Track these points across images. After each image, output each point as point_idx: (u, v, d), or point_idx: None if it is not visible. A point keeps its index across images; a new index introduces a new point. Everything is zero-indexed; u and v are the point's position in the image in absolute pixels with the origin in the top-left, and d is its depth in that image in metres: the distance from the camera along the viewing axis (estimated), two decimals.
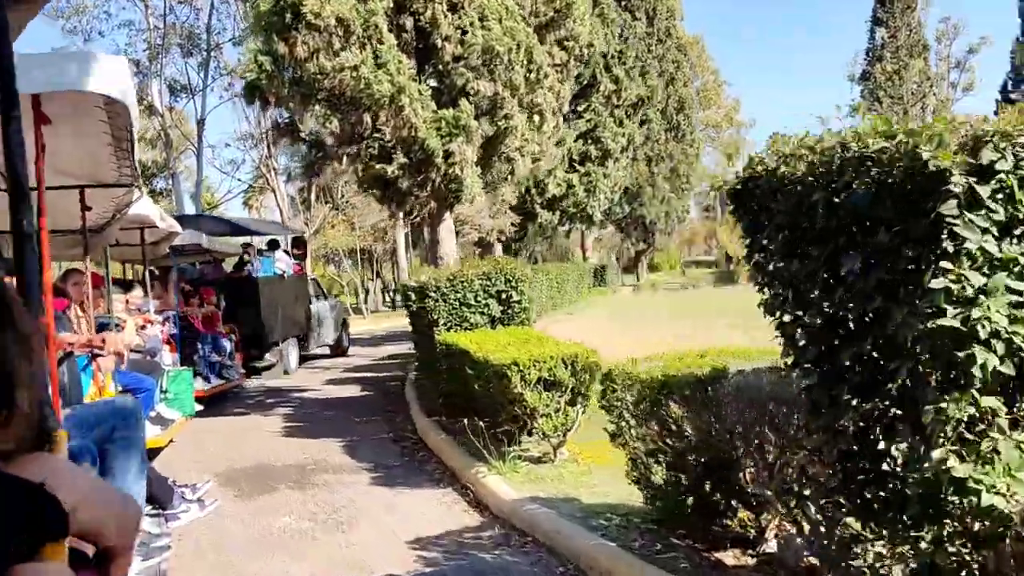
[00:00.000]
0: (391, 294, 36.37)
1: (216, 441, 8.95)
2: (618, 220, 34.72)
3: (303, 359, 16.14)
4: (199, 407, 9.02)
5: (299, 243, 15.85)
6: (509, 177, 10.80)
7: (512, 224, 21.45)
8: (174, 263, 10.75)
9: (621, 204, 31.80)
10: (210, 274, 12.95)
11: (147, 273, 9.57)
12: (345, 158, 10.09)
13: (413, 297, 9.67)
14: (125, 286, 8.75)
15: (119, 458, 3.95)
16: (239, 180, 33.79)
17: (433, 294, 8.63)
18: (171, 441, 7.80)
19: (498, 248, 23.19)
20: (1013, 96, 55.53)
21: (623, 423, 4.63)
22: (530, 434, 6.73)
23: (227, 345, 11.36)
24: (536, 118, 10.20)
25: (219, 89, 39.67)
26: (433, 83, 9.88)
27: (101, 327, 6.66)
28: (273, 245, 14.66)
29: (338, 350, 17.85)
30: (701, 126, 47.09)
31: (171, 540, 5.10)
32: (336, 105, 9.61)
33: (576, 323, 17.75)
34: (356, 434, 9.23)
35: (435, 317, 8.64)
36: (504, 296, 8.73)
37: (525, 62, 9.86)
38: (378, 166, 9.99)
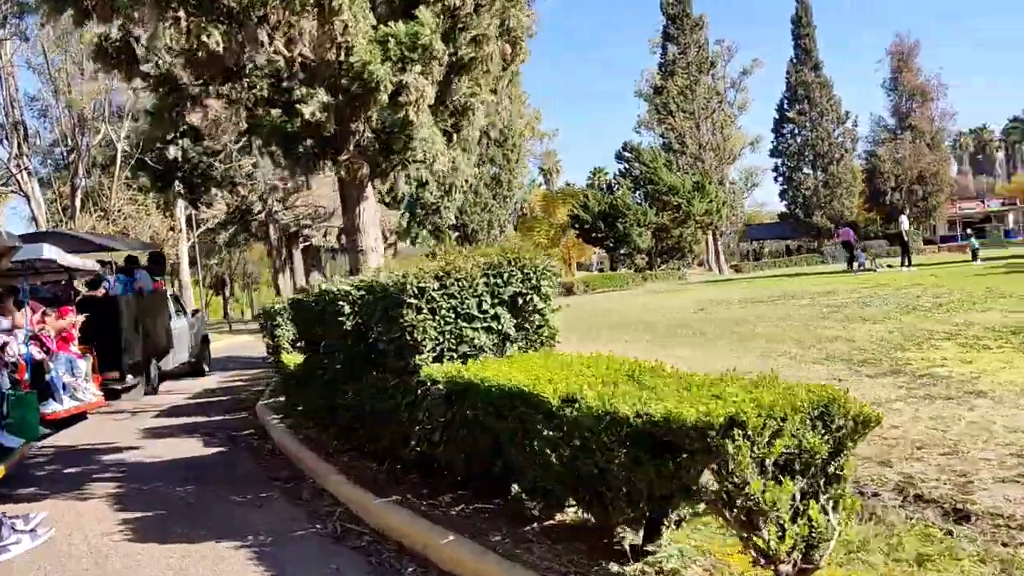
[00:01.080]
0: None
1: None
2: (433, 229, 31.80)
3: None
4: (46, 431, 9.12)
5: (157, 258, 15.60)
6: (456, 136, 7.58)
7: None
8: (22, 281, 10.46)
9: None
10: (62, 292, 12.62)
11: None
12: (219, 99, 6.42)
13: (346, 311, 6.27)
14: None
15: None
16: None
17: (414, 301, 5.27)
18: None
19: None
20: (789, 114, 59.37)
21: None
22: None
23: (82, 366, 11.19)
24: (509, 49, 7.10)
25: None
26: None
27: None
28: (131, 261, 14.44)
29: (198, 368, 17.42)
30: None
31: None
32: (216, 11, 5.96)
33: None
34: (257, 530, 5.78)
35: (418, 338, 5.28)
36: (521, 303, 5.57)
37: None
38: (277, 113, 6.43)
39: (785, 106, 57.76)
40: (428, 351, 5.33)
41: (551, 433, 4.15)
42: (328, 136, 6.76)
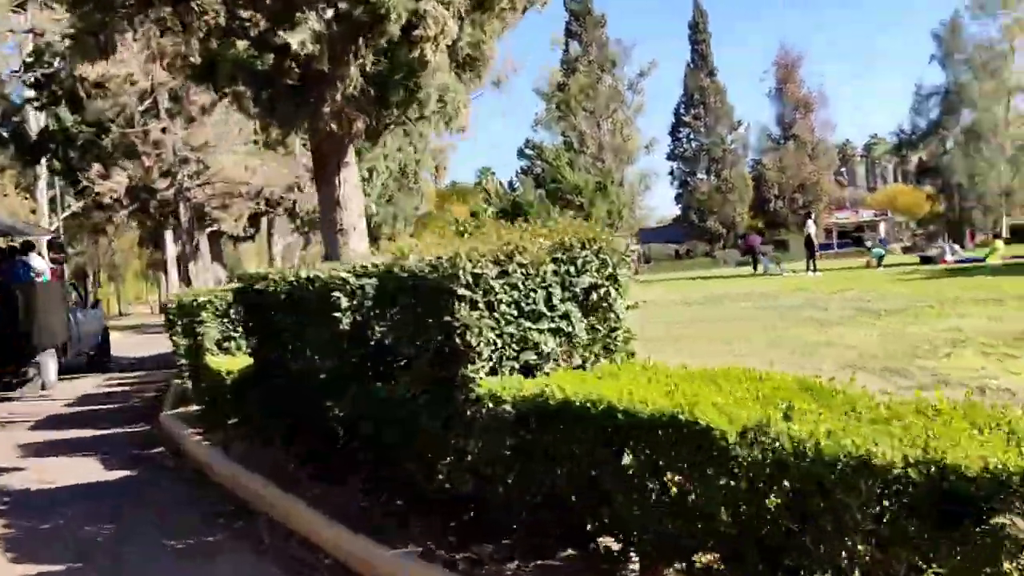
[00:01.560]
0: None
1: None
2: None
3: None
4: None
5: (55, 245, 14.93)
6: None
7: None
8: None
9: None
10: None
11: None
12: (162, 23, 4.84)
13: (343, 304, 4.85)
14: None
15: None
16: None
17: (468, 293, 3.88)
18: None
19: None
20: (686, 118, 60.12)
21: None
22: None
23: None
24: None
25: None
26: None
27: None
28: (27, 247, 13.79)
29: (99, 360, 16.45)
30: None
31: None
32: None
33: None
34: None
35: (472, 342, 3.89)
36: (596, 298, 4.27)
37: None
38: (243, 46, 4.93)
39: (682, 110, 58.47)
40: (484, 359, 3.95)
41: (724, 480, 2.91)
42: (311, 78, 5.26)
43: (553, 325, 4.14)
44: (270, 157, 14.38)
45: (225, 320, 8.65)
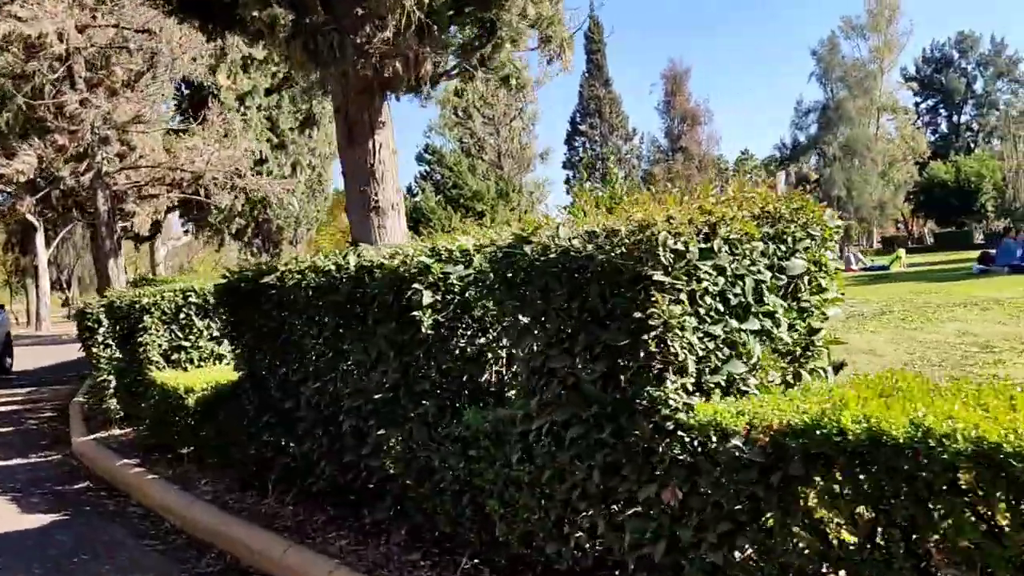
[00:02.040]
0: None
1: None
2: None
3: None
4: None
5: None
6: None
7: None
8: None
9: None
10: None
11: None
12: None
13: (426, 300, 3.61)
14: None
15: None
16: None
17: (666, 279, 2.73)
18: None
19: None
20: (582, 127, 60.05)
21: None
22: None
23: None
24: None
25: None
26: None
27: None
28: None
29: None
30: None
31: None
32: None
33: None
34: None
35: (675, 349, 2.74)
36: (801, 289, 3.21)
37: None
38: None
39: (577, 119, 58.40)
40: (687, 374, 2.81)
41: None
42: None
43: (758, 325, 3.05)
44: (212, 137, 12.60)
45: (174, 327, 7.10)
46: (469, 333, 3.76)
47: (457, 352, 3.74)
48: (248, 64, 15.57)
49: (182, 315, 7.05)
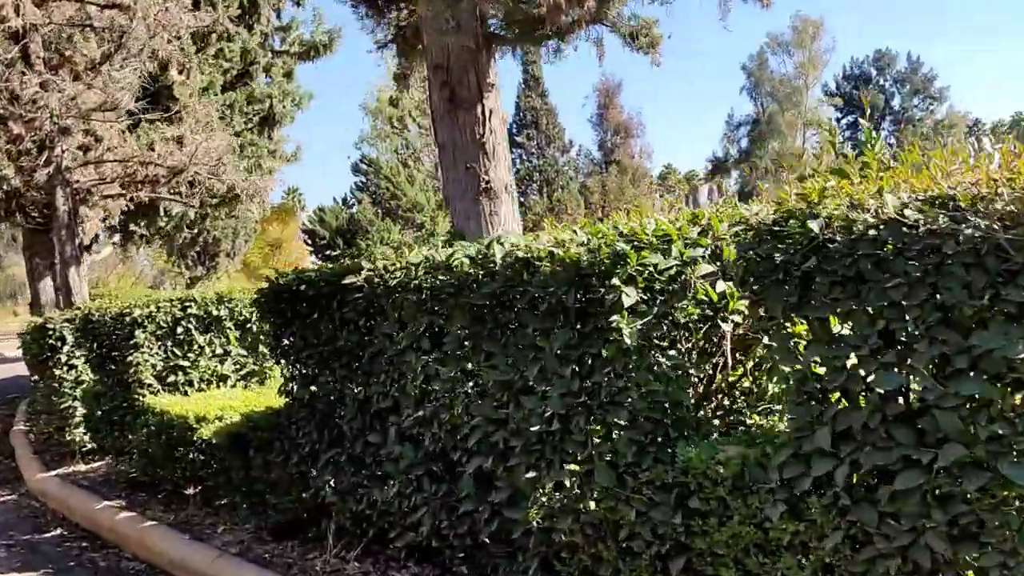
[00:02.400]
0: None
1: None
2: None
3: None
4: None
5: None
6: None
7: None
8: None
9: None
10: None
11: None
12: None
13: (626, 298, 2.67)
14: None
15: None
16: None
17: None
18: None
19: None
20: (519, 139, 59.32)
21: None
22: None
23: None
24: None
25: None
26: None
27: None
28: None
29: None
30: None
31: None
32: None
33: None
34: None
35: None
36: None
37: None
38: None
39: (514, 130, 57.68)
40: None
41: None
42: None
43: None
44: (199, 127, 11.20)
45: (170, 343, 5.93)
46: (673, 345, 2.85)
47: (657, 369, 2.82)
48: (203, 59, 14.19)
49: (180, 329, 5.89)
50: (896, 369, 2.21)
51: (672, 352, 2.91)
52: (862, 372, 2.29)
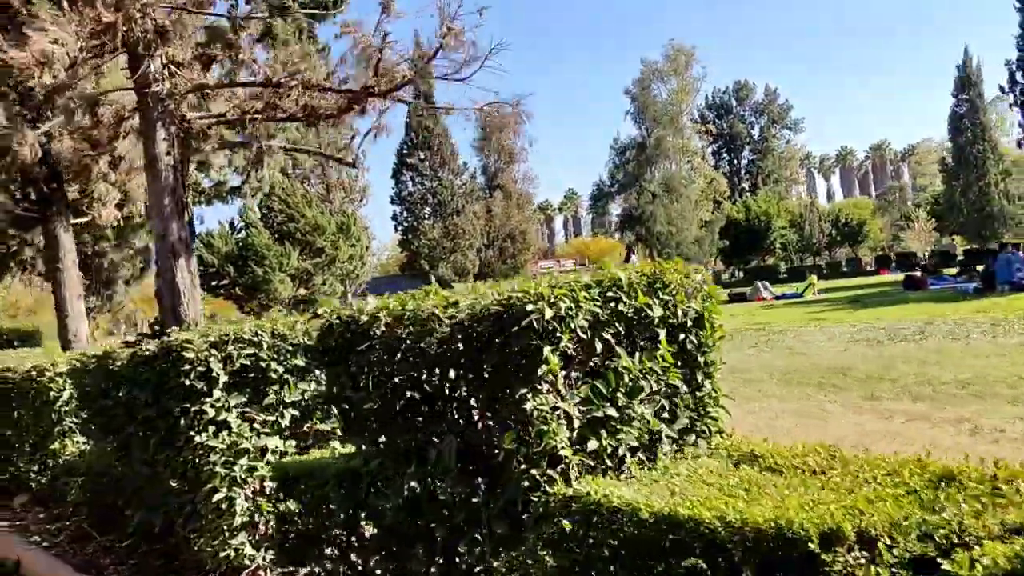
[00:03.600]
0: None
1: None
2: None
3: None
4: None
5: None
6: None
7: None
8: None
9: None
10: None
11: None
12: None
13: None
14: None
15: None
16: None
17: None
18: None
19: None
20: (411, 160, 56.31)
21: None
22: None
23: None
24: None
25: None
26: None
27: None
28: None
29: None
30: None
31: None
32: None
33: None
34: None
35: None
36: None
37: None
38: None
39: (405, 151, 54.73)
40: None
41: None
42: None
43: None
44: None
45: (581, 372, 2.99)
46: None
47: None
48: None
49: (599, 342, 2.97)
50: None
51: None
52: None
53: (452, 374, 3.20)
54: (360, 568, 3.90)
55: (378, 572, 3.73)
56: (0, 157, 8.06)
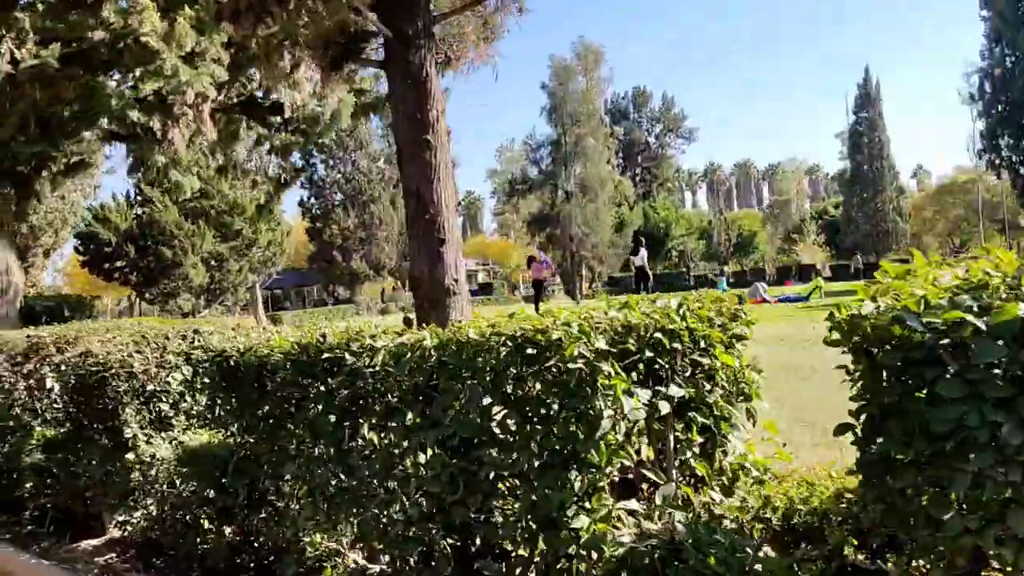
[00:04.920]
0: None
1: None
2: None
3: None
4: None
5: None
6: None
7: None
8: None
9: None
10: None
11: None
12: None
13: None
14: None
15: None
16: None
17: None
18: None
19: None
20: (323, 141, 51.55)
21: None
22: None
23: None
24: None
25: None
26: None
27: None
28: None
29: None
30: None
31: None
32: None
33: None
34: None
35: None
36: None
37: None
38: None
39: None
40: None
41: None
42: None
43: None
44: None
45: None
46: None
47: None
48: None
49: None
50: None
51: None
52: None
53: None
54: None
55: None
56: None
